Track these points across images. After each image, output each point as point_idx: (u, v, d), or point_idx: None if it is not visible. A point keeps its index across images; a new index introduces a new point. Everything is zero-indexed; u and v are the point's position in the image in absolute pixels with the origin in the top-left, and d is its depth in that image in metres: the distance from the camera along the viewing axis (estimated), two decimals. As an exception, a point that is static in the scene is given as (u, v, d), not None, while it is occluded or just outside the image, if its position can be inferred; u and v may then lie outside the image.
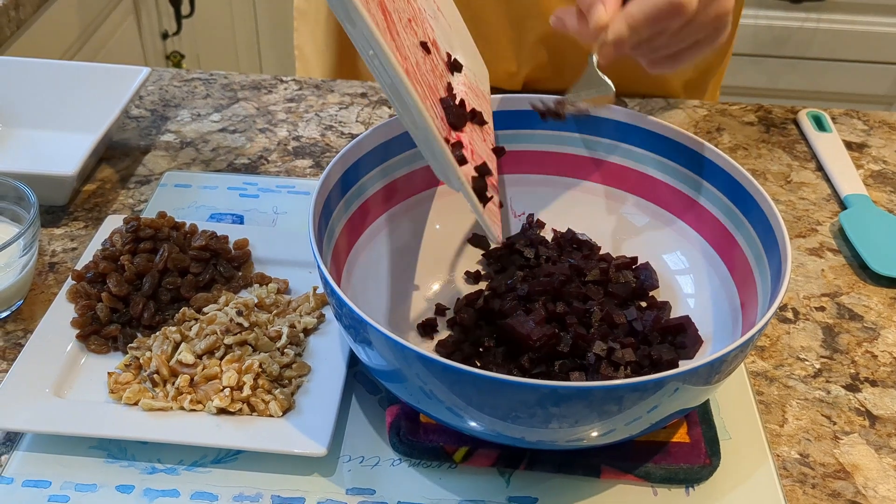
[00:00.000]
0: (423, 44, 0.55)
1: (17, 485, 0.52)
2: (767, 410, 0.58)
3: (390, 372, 0.49)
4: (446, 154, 0.49)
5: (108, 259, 0.62)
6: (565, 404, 0.45)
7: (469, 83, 0.59)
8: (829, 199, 0.78)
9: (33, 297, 0.64)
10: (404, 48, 0.50)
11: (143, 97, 0.88)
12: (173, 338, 0.57)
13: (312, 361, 0.58)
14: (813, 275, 0.70)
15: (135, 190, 0.76)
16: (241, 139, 0.83)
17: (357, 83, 0.92)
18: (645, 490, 0.53)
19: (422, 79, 0.51)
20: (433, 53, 0.56)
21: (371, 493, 0.52)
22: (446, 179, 0.53)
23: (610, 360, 0.54)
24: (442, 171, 0.53)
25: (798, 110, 0.89)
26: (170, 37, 1.84)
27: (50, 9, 1.27)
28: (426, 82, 0.52)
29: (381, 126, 0.61)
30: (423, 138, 0.50)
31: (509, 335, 0.56)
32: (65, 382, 0.56)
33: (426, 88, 0.51)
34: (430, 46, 0.55)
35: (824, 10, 1.82)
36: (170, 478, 0.52)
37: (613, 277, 0.61)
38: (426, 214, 0.66)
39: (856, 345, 0.64)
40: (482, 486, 0.53)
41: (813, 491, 0.54)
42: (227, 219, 0.72)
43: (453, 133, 0.53)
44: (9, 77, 0.81)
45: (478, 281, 0.65)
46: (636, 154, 0.64)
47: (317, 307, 0.62)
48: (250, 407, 0.54)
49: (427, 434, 0.54)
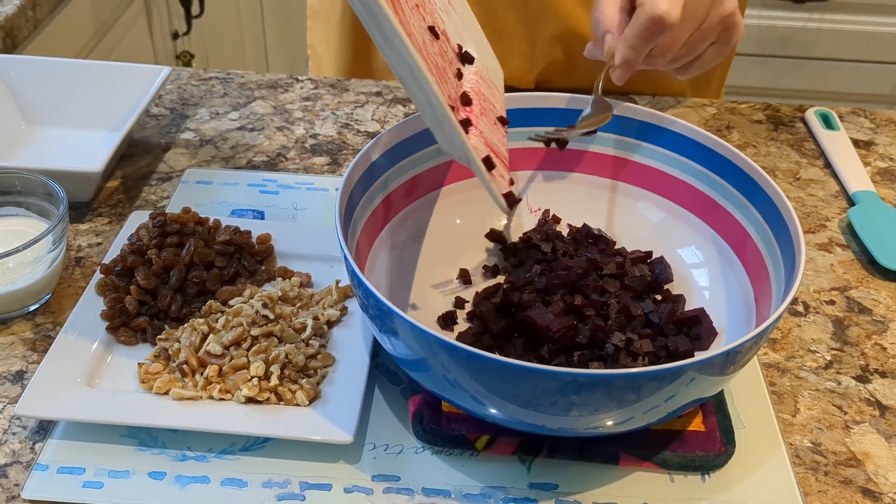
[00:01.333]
0: (432, 28, 0.56)
1: (53, 471, 0.53)
2: (780, 401, 0.60)
3: (415, 361, 0.51)
4: (451, 121, 0.49)
5: (135, 253, 0.63)
6: (586, 392, 0.46)
7: (482, 74, 0.60)
8: (837, 196, 0.80)
9: (61, 291, 0.66)
10: (409, 25, 0.51)
11: (162, 96, 0.90)
12: (201, 329, 0.59)
13: (336, 352, 0.60)
14: (822, 269, 0.71)
15: (156, 186, 0.77)
16: (259, 137, 0.84)
17: (371, 82, 0.93)
18: (662, 477, 0.55)
19: (429, 58, 0.52)
20: (442, 40, 0.57)
21: (396, 479, 0.54)
22: (451, 147, 0.53)
23: (628, 351, 0.56)
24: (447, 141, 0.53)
25: (806, 108, 0.91)
26: (180, 37, 1.85)
27: (65, 9, 1.28)
28: (434, 62, 0.53)
29: (404, 122, 0.63)
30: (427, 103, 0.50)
31: (529, 327, 0.58)
32: (95, 373, 0.58)
33: (434, 67, 0.52)
34: (439, 33, 0.56)
35: (827, 10, 1.83)
36: (200, 465, 0.54)
37: (629, 271, 0.62)
38: (446, 209, 0.67)
39: (865, 337, 0.65)
40: (504, 472, 0.54)
41: (825, 478, 0.55)
42: (249, 214, 0.74)
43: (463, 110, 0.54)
44: (31, 76, 0.83)
45: (495, 275, 0.66)
46: (652, 151, 0.66)
47: (339, 300, 0.63)
48: (277, 396, 0.56)
49: (449, 423, 0.56)
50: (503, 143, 0.58)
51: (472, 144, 0.51)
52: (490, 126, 0.57)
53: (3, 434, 0.56)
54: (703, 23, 0.64)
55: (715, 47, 0.67)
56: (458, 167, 0.67)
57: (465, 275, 0.66)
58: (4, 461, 0.54)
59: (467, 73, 0.59)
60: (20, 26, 1.10)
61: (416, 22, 0.52)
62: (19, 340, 0.62)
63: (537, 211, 0.70)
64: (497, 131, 0.58)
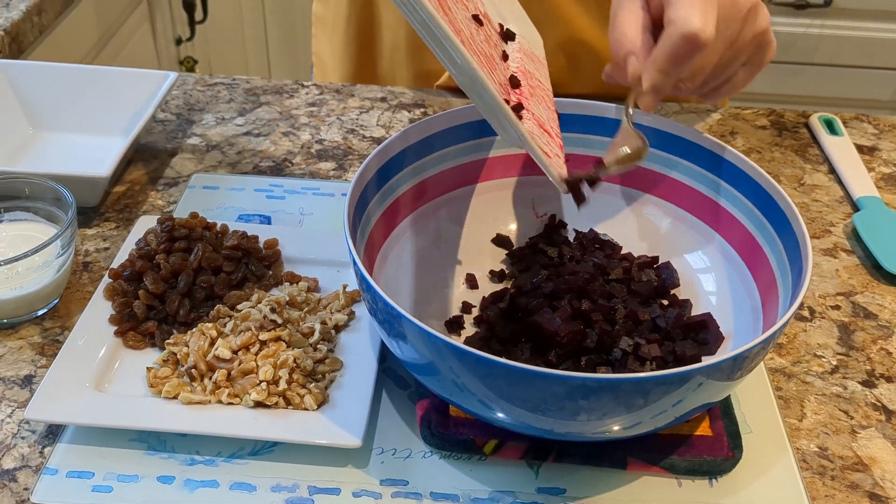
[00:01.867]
0: (475, 17, 0.56)
1: (62, 476, 0.53)
2: (786, 405, 0.60)
3: (423, 365, 0.51)
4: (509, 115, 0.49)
5: (143, 258, 0.64)
6: (594, 397, 0.47)
7: (524, 49, 0.60)
8: (841, 202, 0.80)
9: (69, 296, 0.66)
10: (458, 21, 0.51)
11: (168, 101, 0.90)
12: (209, 334, 0.59)
13: (344, 357, 0.60)
14: (828, 274, 0.71)
15: (163, 191, 0.78)
16: (265, 142, 0.85)
17: (377, 88, 0.94)
18: (670, 481, 0.55)
19: (477, 49, 0.52)
20: (486, 25, 0.57)
21: (404, 483, 0.54)
22: (508, 138, 0.53)
23: (636, 355, 0.56)
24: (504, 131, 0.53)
25: (810, 114, 0.91)
26: (183, 42, 1.86)
27: (70, 15, 1.29)
28: (481, 51, 0.52)
29: (411, 127, 0.63)
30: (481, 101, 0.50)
31: (536, 332, 0.58)
32: (104, 377, 0.58)
33: (482, 57, 0.52)
34: (482, 19, 0.57)
35: (829, 17, 1.84)
36: (209, 469, 0.54)
37: (636, 276, 0.63)
38: (453, 214, 0.68)
39: (871, 342, 0.65)
40: (512, 477, 0.55)
41: (832, 483, 0.55)
42: (255, 219, 0.74)
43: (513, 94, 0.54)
44: (38, 81, 0.83)
45: (502, 280, 0.67)
46: (658, 157, 0.66)
47: (347, 304, 0.63)
48: (286, 400, 0.56)
49: (457, 427, 0.56)
50: (554, 119, 0.58)
51: (527, 129, 0.51)
52: (540, 106, 0.57)
53: (12, 438, 0.56)
54: (736, 42, 0.58)
55: (746, 68, 0.61)
56: (466, 172, 0.67)
57: (471, 279, 0.66)
58: (14, 465, 0.54)
59: (511, 51, 0.58)
60: (26, 32, 1.11)
61: (461, 15, 0.52)
62: (28, 345, 0.62)
63: (543, 216, 0.70)
64: (547, 109, 0.57)
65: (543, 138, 0.54)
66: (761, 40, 0.59)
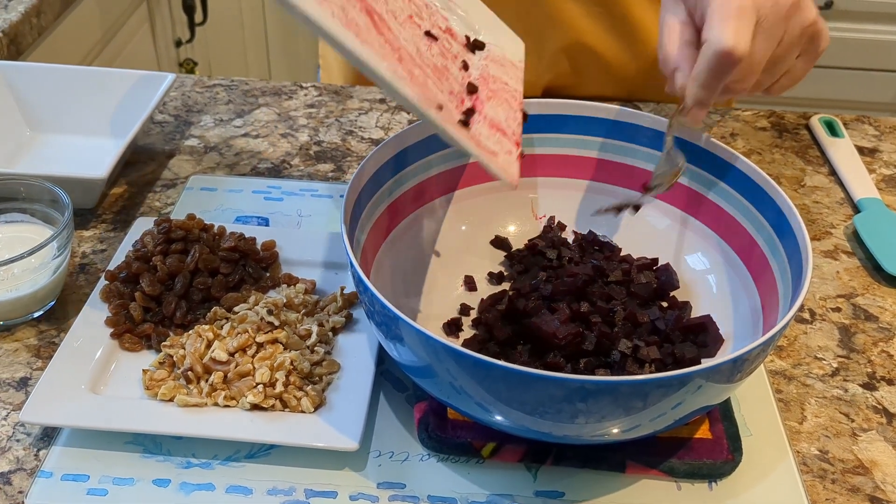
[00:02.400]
0: (428, 33, 0.57)
1: (57, 478, 0.53)
2: (787, 408, 0.60)
3: (421, 368, 0.51)
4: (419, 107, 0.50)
5: (140, 260, 0.63)
6: (593, 399, 0.46)
7: (493, 56, 0.61)
8: (842, 203, 0.80)
9: (65, 298, 0.66)
10: (398, 40, 0.53)
11: (166, 103, 0.90)
12: (206, 336, 0.59)
13: (341, 359, 0.59)
14: (828, 276, 0.71)
15: (161, 193, 0.77)
16: (263, 144, 0.84)
17: (375, 89, 0.93)
18: (669, 485, 0.54)
19: (423, 62, 0.54)
20: (443, 39, 0.58)
21: (401, 486, 0.54)
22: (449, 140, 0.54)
23: (635, 358, 0.56)
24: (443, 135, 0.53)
25: (810, 116, 0.91)
26: (183, 44, 1.86)
27: (69, 17, 1.29)
28: (430, 64, 0.54)
29: (408, 129, 0.63)
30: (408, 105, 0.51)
31: (534, 334, 0.58)
32: (100, 379, 0.58)
33: (430, 69, 0.54)
34: (437, 34, 0.57)
35: (830, 18, 1.84)
36: (205, 472, 0.54)
37: (635, 278, 0.62)
38: (451, 216, 0.67)
39: (871, 345, 0.65)
40: (510, 480, 0.54)
41: (833, 486, 0.55)
42: (253, 221, 0.74)
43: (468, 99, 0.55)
44: (36, 83, 0.83)
45: (500, 282, 0.66)
46: (657, 158, 0.65)
47: (344, 307, 0.63)
48: (282, 403, 0.56)
49: (455, 430, 0.56)
50: (516, 119, 0.58)
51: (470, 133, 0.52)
52: (500, 107, 0.57)
53: (7, 441, 0.55)
54: (783, 39, 0.58)
55: (802, 59, 0.61)
56: (464, 174, 0.67)
57: (470, 281, 0.66)
58: (8, 468, 0.54)
59: (476, 60, 0.59)
60: (24, 33, 1.10)
61: (406, 34, 0.54)
62: (24, 347, 0.62)
63: (542, 218, 0.70)
64: (509, 109, 0.58)
65: (493, 138, 0.54)
66: (811, 32, 0.60)
